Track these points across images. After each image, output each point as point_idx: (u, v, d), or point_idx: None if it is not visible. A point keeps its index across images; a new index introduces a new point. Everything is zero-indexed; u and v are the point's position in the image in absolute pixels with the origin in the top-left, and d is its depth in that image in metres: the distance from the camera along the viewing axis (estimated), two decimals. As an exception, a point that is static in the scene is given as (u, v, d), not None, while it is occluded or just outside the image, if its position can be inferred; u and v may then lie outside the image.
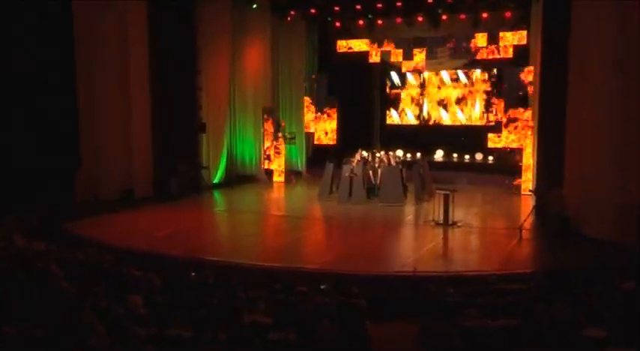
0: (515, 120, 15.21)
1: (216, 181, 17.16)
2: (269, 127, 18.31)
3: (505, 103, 15.36)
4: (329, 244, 10.85)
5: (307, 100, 18.05)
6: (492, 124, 18.03)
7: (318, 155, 18.59)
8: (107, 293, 5.70)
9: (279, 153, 18.15)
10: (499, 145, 15.68)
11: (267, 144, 18.21)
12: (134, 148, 13.99)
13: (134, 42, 14.00)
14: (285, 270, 8.60)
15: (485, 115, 19.65)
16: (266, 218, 13.02)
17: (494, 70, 18.39)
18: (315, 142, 18.23)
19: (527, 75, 14.59)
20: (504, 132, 15.37)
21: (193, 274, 7.48)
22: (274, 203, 15.19)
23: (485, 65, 18.61)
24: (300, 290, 6.41)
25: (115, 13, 13.67)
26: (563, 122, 10.60)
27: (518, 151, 15.52)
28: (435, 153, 19.98)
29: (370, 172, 14.41)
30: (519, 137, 15.22)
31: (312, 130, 18.20)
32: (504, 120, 15.41)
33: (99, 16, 13.43)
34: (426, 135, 20.27)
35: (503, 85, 15.35)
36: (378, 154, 15.40)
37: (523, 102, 15.19)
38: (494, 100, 16.69)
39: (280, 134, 18.12)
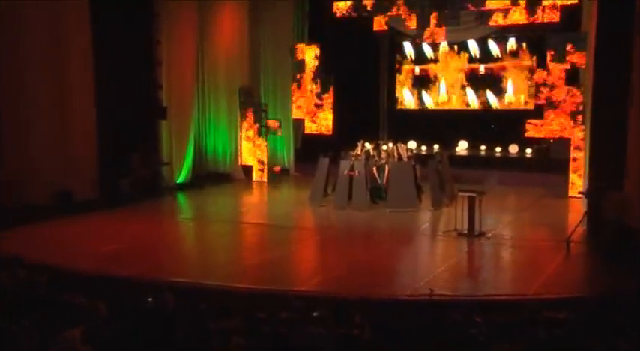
0: (561, 103, 15.33)
1: (180, 181, 17.29)
2: (247, 112, 18.38)
3: (549, 82, 15.44)
4: (324, 261, 11.02)
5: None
6: (531, 108, 18.20)
7: (309, 148, 18.71)
8: (39, 327, 5.67)
9: (260, 145, 18.23)
10: (540, 135, 15.83)
11: (246, 134, 18.29)
12: (73, 139, 14.01)
13: (71, 3, 14.06)
14: (268, 293, 8.77)
15: (522, 96, 19.81)
16: (244, 229, 13.21)
17: (536, 39, 18.42)
18: (306, 132, 18.39)
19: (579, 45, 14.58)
20: (547, 118, 15.49)
21: (150, 299, 7.40)
22: (254, 209, 15.40)
23: (524, 32, 18.73)
24: (288, 319, 6.49)
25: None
26: (625, 107, 10.57)
27: (564, 143, 15.68)
28: (457, 145, 20.04)
29: (375, 169, 14.62)
30: (566, 125, 15.33)
31: (301, 117, 18.45)
32: (547, 103, 15.51)
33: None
34: (446, 122, 20.32)
35: (547, 58, 15.42)
36: (384, 147, 15.53)
37: (572, 80, 15.28)
38: (535, 77, 16.69)
39: (261, 122, 18.38)
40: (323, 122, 17.91)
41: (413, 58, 21.11)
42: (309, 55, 17.96)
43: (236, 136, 18.66)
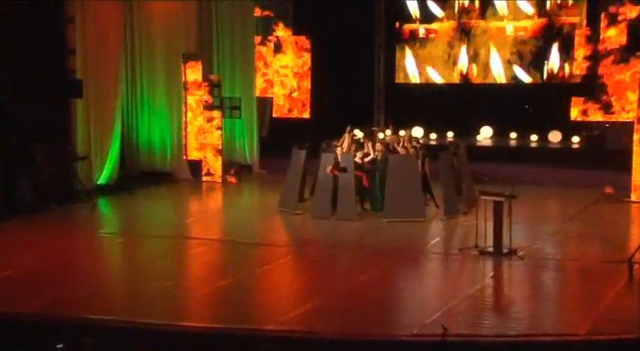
0: (620, 75, 15.41)
1: (102, 181, 17.28)
2: (195, 88, 18.33)
3: (603, 46, 15.43)
4: (300, 290, 11.02)
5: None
6: (579, 81, 18.43)
7: (279, 136, 18.75)
8: None
9: (212, 133, 18.20)
10: (591, 118, 15.98)
11: (194, 120, 18.28)
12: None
13: None
14: (225, 334, 8.70)
15: (566, 66, 19.97)
16: (190, 246, 13.19)
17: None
18: (275, 114, 18.51)
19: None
20: (601, 95, 15.58)
21: (60, 346, 7.39)
22: (205, 219, 15.46)
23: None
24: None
25: None
26: None
27: (624, 128, 15.85)
28: (478, 132, 20.22)
29: (367, 165, 14.75)
30: (627, 104, 15.36)
31: (269, 95, 18.67)
32: (601, 75, 15.57)
33: None
34: (463, 102, 20.47)
35: (602, 15, 15.48)
36: (381, 135, 15.62)
37: (635, 45, 15.32)
38: (583, 42, 16.76)
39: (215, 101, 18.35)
40: (298, 102, 17.82)
41: (418, 16, 21.26)
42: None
43: (179, 122, 18.64)
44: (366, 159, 14.76)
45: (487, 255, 11.85)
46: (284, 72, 20.15)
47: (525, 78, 20.57)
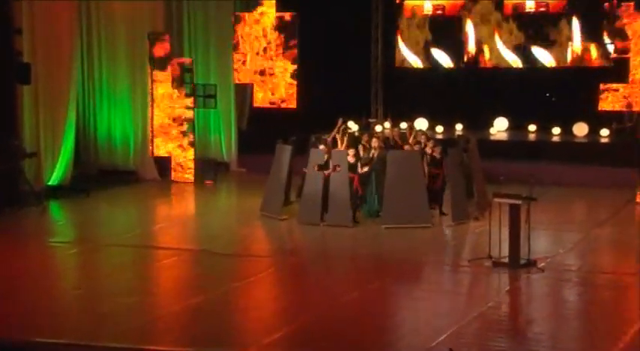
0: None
1: (54, 181, 17.28)
2: (162, 75, 18.27)
3: (633, 29, 15.51)
4: (286, 307, 11.01)
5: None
6: (609, 65, 18.45)
7: (261, 130, 18.74)
8: None
9: (184, 125, 18.23)
10: (622, 108, 16.15)
11: (162, 107, 18.29)
12: None
13: None
14: None
15: (592, 48, 20.00)
16: (157, 257, 13.21)
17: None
18: (257, 104, 18.32)
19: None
20: (634, 80, 15.65)
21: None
22: (175, 226, 15.48)
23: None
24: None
25: None
26: None
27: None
28: (491, 124, 20.31)
29: (362, 163, 14.78)
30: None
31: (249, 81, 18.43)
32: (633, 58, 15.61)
33: None
34: (474, 90, 20.54)
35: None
36: (378, 128, 15.87)
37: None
38: (613, 19, 16.77)
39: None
40: (282, 89, 17.78)
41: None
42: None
43: (144, 112, 18.60)
44: (361, 156, 14.72)
45: (502, 267, 11.86)
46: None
47: (547, 61, 20.51)
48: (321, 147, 14.75)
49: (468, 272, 12.04)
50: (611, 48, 18.42)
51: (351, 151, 14.70)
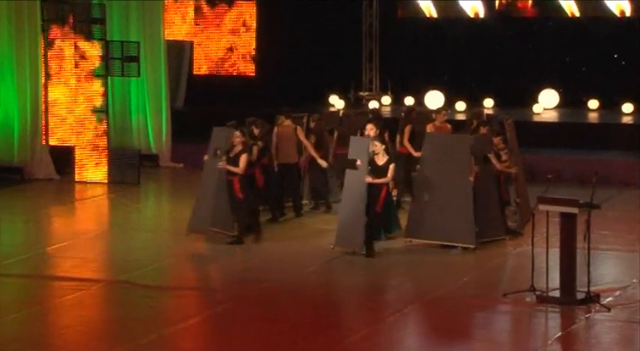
0: None
1: None
2: (61, 33, 17.03)
3: None
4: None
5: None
6: None
7: (202, 110, 17.71)
8: None
9: (91, 102, 17.14)
10: None
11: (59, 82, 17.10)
12: None
13: None
14: None
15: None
16: (56, 291, 12.08)
17: None
18: (198, 71, 17.32)
19: None
20: None
21: None
22: (80, 246, 14.20)
23: None
24: None
25: None
26: None
27: None
28: (535, 100, 18.41)
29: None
30: None
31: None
32: None
33: None
34: (509, 51, 19.22)
35: None
36: (372, 105, 15.73)
37: None
38: None
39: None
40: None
41: None
42: None
43: (36, 89, 17.31)
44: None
45: (550, 303, 10.93)
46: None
47: (614, 9, 18.74)
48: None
49: (503, 311, 10.96)
50: None
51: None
